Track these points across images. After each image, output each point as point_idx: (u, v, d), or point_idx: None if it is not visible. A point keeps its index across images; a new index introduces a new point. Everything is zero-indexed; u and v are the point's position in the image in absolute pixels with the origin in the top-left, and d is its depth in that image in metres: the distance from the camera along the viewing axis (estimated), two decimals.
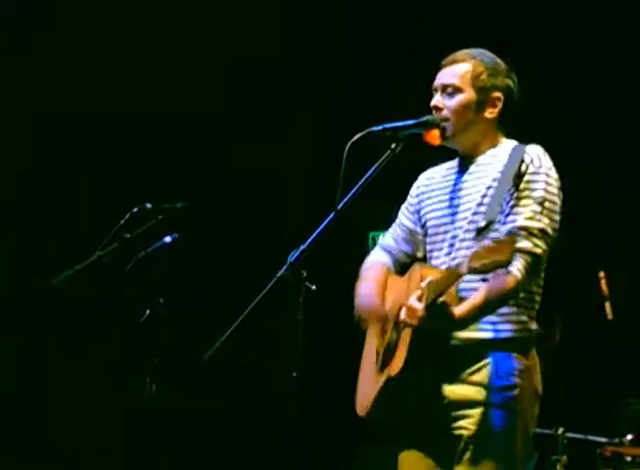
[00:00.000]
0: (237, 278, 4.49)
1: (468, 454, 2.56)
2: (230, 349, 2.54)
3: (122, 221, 3.60)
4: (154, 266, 3.72)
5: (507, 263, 2.31)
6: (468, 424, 2.56)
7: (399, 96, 4.57)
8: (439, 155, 2.83)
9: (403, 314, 2.54)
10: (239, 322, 2.54)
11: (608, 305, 4.05)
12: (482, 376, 2.57)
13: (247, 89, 4.96)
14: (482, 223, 2.42)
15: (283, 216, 4.75)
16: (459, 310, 2.48)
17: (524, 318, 2.59)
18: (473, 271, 2.35)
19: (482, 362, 2.57)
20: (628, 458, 3.95)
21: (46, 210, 4.98)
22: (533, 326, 2.62)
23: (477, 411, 2.56)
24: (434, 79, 2.74)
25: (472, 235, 2.57)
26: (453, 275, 2.44)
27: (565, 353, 4.19)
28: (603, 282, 4.08)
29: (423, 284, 2.49)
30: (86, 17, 4.85)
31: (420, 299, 2.48)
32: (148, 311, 3.69)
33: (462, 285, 2.54)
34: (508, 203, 2.55)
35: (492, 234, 2.50)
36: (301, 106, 5.01)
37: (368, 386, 2.73)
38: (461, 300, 2.52)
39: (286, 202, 4.86)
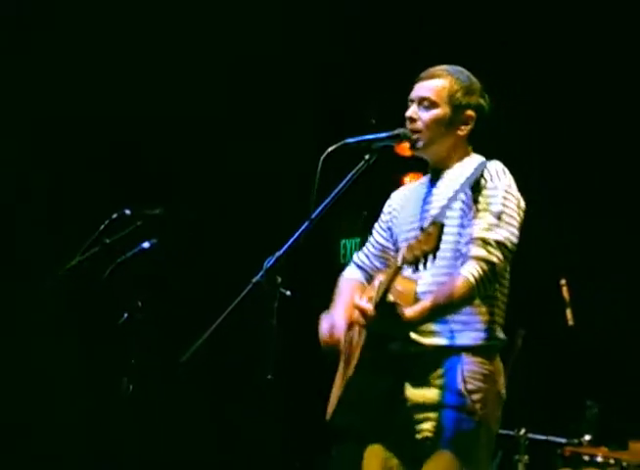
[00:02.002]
0: (215, 283, 4.41)
1: (429, 457, 2.51)
2: (207, 351, 2.49)
3: (102, 227, 3.58)
4: (132, 271, 3.68)
5: (433, 252, 2.26)
6: (431, 427, 2.52)
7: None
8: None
9: (355, 315, 2.51)
10: (215, 325, 2.50)
11: (569, 312, 4.03)
12: (446, 380, 2.52)
13: (225, 95, 4.89)
14: (426, 224, 2.37)
15: (260, 222, 4.68)
16: (410, 310, 2.43)
17: (489, 327, 2.56)
18: (406, 263, 2.32)
19: (447, 367, 2.53)
20: (586, 458, 3.92)
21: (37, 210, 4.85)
22: (500, 335, 2.59)
23: (438, 414, 2.52)
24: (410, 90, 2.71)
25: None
26: (391, 269, 2.41)
27: (527, 358, 4.18)
28: (564, 289, 4.06)
29: (378, 278, 2.49)
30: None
31: (369, 299, 2.45)
32: (126, 315, 3.66)
33: (420, 289, 2.51)
34: (467, 216, 2.53)
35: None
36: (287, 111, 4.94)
37: (334, 393, 2.70)
38: (417, 301, 2.48)
39: (264, 208, 4.79)
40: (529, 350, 4.17)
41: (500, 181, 2.54)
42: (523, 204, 2.59)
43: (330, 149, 2.55)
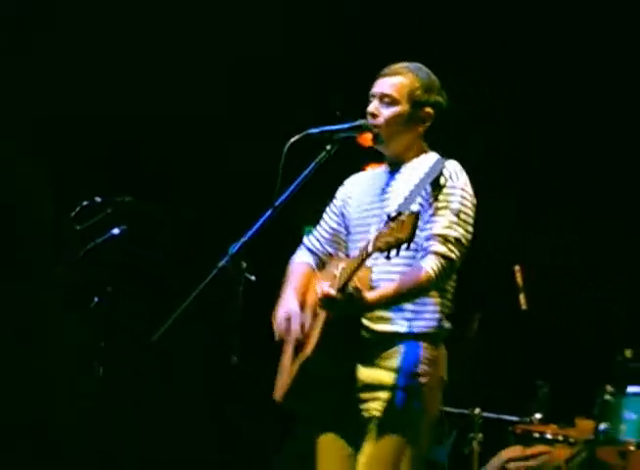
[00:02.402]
0: (182, 268, 4.42)
1: (375, 434, 2.57)
2: (174, 334, 2.53)
3: (73, 214, 3.57)
4: (103, 257, 3.69)
5: (408, 241, 2.31)
6: (378, 405, 2.58)
7: None
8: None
9: (319, 301, 2.53)
10: (183, 308, 2.52)
11: (522, 297, 4.11)
12: (394, 362, 2.58)
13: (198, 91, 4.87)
14: (393, 213, 2.41)
15: (227, 210, 4.68)
16: (370, 295, 2.49)
17: (437, 316, 2.62)
18: (378, 250, 2.36)
19: (395, 350, 2.59)
20: (536, 435, 4.00)
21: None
22: (446, 324, 2.65)
23: (387, 394, 2.58)
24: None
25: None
26: (361, 255, 2.45)
27: (482, 340, 4.26)
28: (518, 275, 4.14)
29: (336, 271, 2.52)
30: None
31: (331, 284, 2.49)
32: (96, 299, 3.67)
33: (376, 276, 2.56)
34: (427, 212, 2.57)
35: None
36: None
37: (284, 375, 2.72)
38: (373, 289, 2.53)
39: (228, 195, 4.77)
40: (485, 332, 4.26)
41: (458, 181, 2.61)
42: (474, 200, 2.65)
43: (292, 139, 2.58)
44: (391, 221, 2.37)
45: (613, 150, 4.72)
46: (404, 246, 2.32)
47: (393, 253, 2.33)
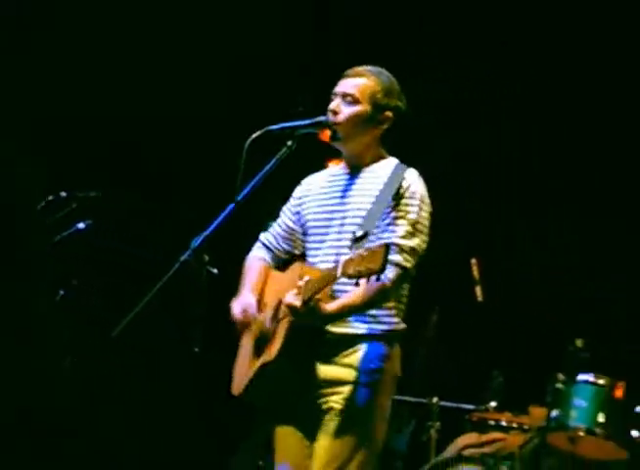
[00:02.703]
0: (145, 263, 4.41)
1: (333, 425, 2.62)
2: (137, 327, 2.54)
3: (39, 208, 3.55)
4: (68, 250, 3.67)
5: (380, 271, 2.34)
6: (338, 399, 2.63)
7: None
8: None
9: (283, 309, 2.58)
10: (145, 302, 2.52)
11: (478, 289, 4.16)
12: (354, 359, 2.64)
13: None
14: (359, 233, 2.47)
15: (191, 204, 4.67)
16: (330, 308, 2.55)
17: (393, 320, 2.68)
18: (347, 276, 2.40)
19: (354, 349, 2.65)
20: (492, 422, 4.08)
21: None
22: (400, 326, 2.71)
23: (346, 389, 2.63)
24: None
25: (349, 241, 2.59)
26: (329, 277, 2.49)
27: (441, 332, 4.31)
28: (474, 268, 4.19)
29: (301, 283, 2.54)
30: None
31: (298, 295, 2.52)
32: (62, 292, 3.66)
33: (336, 287, 2.60)
34: (384, 221, 2.61)
35: (367, 244, 2.53)
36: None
37: (244, 369, 2.76)
38: (333, 298, 2.58)
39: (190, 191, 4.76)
40: (443, 325, 4.32)
41: (417, 191, 2.64)
42: (430, 209, 2.68)
43: (253, 136, 2.59)
44: (359, 242, 2.43)
45: (569, 144, 4.78)
46: (374, 277, 2.36)
47: (362, 281, 2.38)
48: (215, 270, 2.89)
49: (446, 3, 4.89)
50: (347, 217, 2.69)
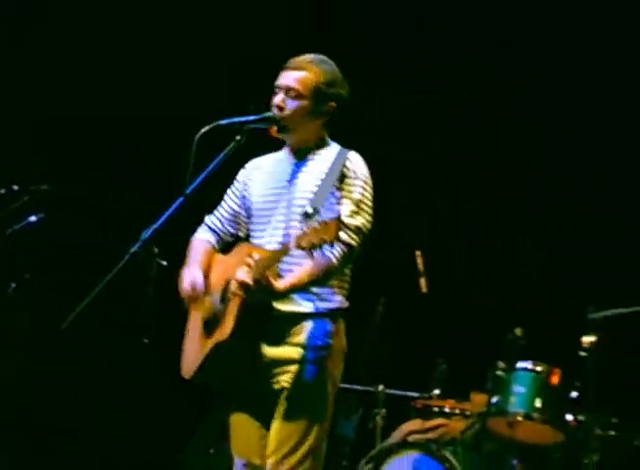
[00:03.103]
0: (96, 254, 4.37)
1: (286, 404, 2.65)
2: (87, 318, 2.53)
3: None
4: (20, 244, 3.63)
5: (332, 241, 2.38)
6: (288, 378, 2.65)
7: None
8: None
9: (233, 287, 2.59)
10: (95, 294, 2.51)
11: (422, 281, 4.19)
12: (301, 338, 2.66)
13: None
14: (309, 210, 2.49)
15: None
16: (280, 284, 2.57)
17: (337, 298, 2.71)
18: (300, 248, 2.42)
19: (301, 327, 2.67)
20: (435, 409, 4.14)
21: None
22: (344, 304, 2.74)
23: (295, 367, 2.66)
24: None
25: (296, 222, 2.63)
26: (281, 251, 2.51)
27: (387, 322, 4.35)
28: (419, 260, 4.22)
29: (251, 260, 2.55)
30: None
31: (249, 273, 2.54)
32: (14, 285, 3.62)
33: (284, 266, 2.62)
34: (330, 200, 2.63)
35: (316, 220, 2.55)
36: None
37: (193, 352, 2.76)
38: (280, 276, 2.60)
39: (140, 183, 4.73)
40: (389, 315, 4.36)
41: (360, 172, 2.69)
42: (372, 191, 2.71)
43: (203, 130, 2.59)
44: (309, 218, 2.44)
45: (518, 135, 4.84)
46: (327, 246, 2.39)
47: (315, 252, 2.41)
48: (165, 262, 2.88)
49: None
50: (294, 199, 2.71)
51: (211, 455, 4.37)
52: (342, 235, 2.56)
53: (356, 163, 2.70)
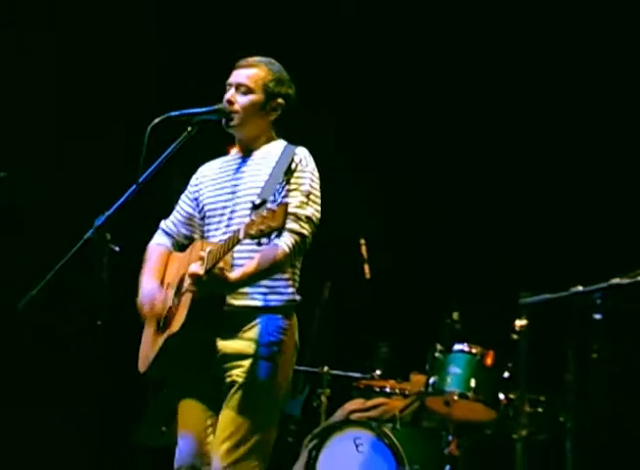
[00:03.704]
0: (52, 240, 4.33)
1: (237, 399, 2.66)
2: (42, 301, 2.52)
3: None
4: None
5: (280, 228, 2.39)
6: (240, 372, 2.66)
7: None
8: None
9: (187, 282, 2.61)
10: (49, 277, 2.55)
11: (366, 267, 4.26)
12: (254, 333, 2.68)
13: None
14: (258, 201, 2.50)
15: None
16: (233, 275, 2.59)
17: (289, 291, 2.73)
18: (249, 237, 2.43)
19: (254, 322, 2.69)
20: (377, 389, 4.22)
21: None
22: (296, 297, 2.77)
23: (248, 362, 2.67)
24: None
25: (246, 217, 2.60)
26: (231, 241, 2.52)
27: (332, 306, 4.41)
28: (363, 248, 4.29)
29: (203, 253, 2.58)
30: None
31: (201, 265, 2.56)
32: None
33: (236, 261, 2.65)
34: (280, 193, 2.67)
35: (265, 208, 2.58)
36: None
37: (149, 346, 2.78)
38: (233, 267, 2.62)
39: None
40: (334, 299, 4.42)
41: (308, 165, 2.72)
42: (319, 183, 2.75)
43: (155, 121, 2.61)
44: (258, 208, 2.44)
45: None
46: (275, 233, 2.40)
47: (264, 240, 2.41)
48: (117, 248, 2.88)
49: None
50: (242, 196, 2.75)
51: (164, 434, 4.38)
52: (294, 225, 2.61)
53: (304, 157, 2.74)
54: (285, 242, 2.60)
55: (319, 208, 2.72)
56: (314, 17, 4.89)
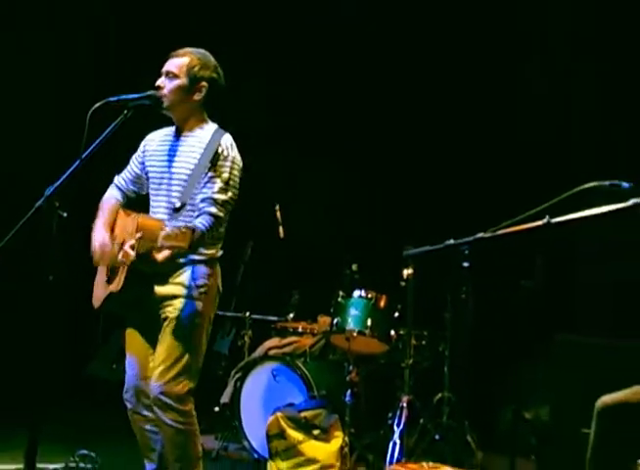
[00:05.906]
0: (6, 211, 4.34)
1: (169, 331, 2.86)
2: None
3: None
4: None
5: (185, 249, 2.56)
6: (172, 310, 2.88)
7: None
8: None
9: (120, 256, 2.76)
10: (4, 242, 2.62)
11: (281, 229, 4.42)
12: (183, 278, 2.89)
13: None
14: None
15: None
16: (160, 256, 2.72)
17: (212, 251, 2.91)
18: (164, 247, 2.61)
19: (183, 270, 2.88)
20: (291, 329, 4.36)
21: None
22: (219, 253, 2.96)
23: (178, 301, 2.87)
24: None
25: (180, 191, 2.78)
26: (154, 241, 2.65)
27: (253, 262, 4.58)
28: (278, 212, 4.46)
29: (137, 236, 2.72)
30: None
31: (133, 247, 2.72)
32: None
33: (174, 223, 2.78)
34: (204, 179, 2.80)
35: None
36: None
37: (100, 290, 2.95)
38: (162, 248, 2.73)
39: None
40: (255, 256, 4.59)
41: (230, 154, 2.83)
42: (241, 167, 2.87)
43: (95, 106, 2.65)
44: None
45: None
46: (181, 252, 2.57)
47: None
48: (65, 214, 2.98)
49: None
50: (175, 174, 2.89)
51: (114, 369, 4.50)
52: (212, 209, 2.76)
53: (227, 147, 2.85)
54: (202, 223, 2.73)
55: (236, 191, 2.84)
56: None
